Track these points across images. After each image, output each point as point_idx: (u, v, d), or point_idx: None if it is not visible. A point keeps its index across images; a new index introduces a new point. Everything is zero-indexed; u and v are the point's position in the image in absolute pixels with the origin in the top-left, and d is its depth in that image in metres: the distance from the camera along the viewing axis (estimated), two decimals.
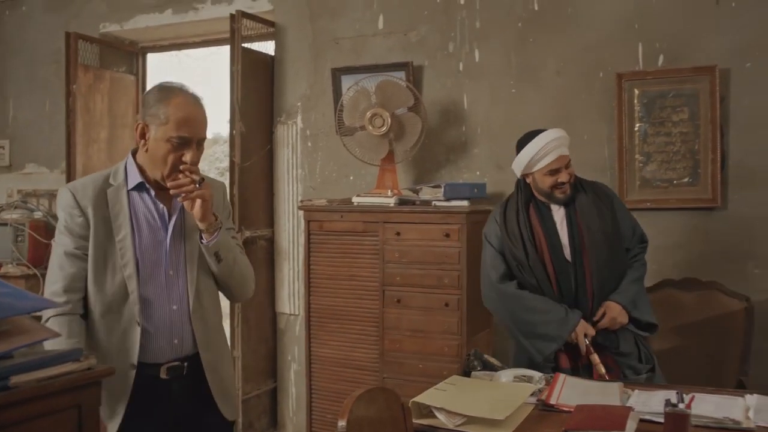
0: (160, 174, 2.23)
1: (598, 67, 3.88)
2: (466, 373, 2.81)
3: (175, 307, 2.29)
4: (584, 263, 3.01)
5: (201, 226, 2.27)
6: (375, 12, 4.44)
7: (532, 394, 2.52)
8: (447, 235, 3.71)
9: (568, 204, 3.08)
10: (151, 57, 5.59)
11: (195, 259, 2.33)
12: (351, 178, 4.46)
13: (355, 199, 4.03)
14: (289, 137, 4.73)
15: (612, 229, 3.04)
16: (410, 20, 4.34)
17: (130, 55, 5.47)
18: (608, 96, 3.84)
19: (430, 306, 3.76)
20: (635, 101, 3.78)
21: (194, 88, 2.29)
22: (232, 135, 4.42)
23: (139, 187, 2.29)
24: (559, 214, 3.08)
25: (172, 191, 2.22)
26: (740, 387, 2.95)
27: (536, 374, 2.73)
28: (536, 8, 4.03)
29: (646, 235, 3.18)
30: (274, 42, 4.79)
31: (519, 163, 3.11)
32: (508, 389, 2.59)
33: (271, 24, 4.73)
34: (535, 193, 3.12)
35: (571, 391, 2.54)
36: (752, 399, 2.39)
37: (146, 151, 2.24)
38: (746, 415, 2.27)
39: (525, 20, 4.06)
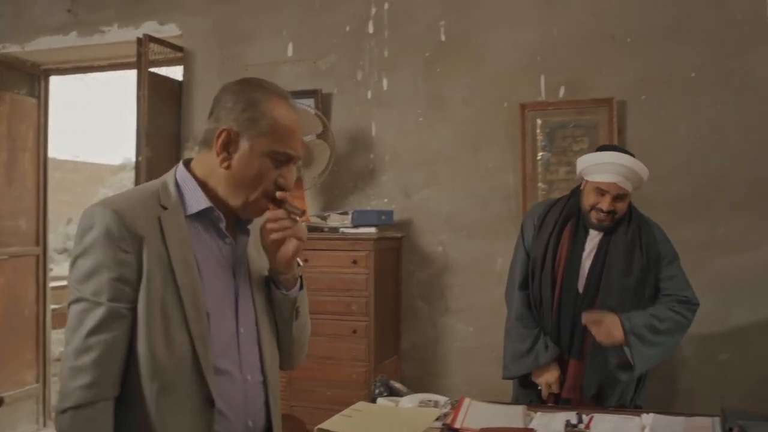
0: (243, 199, 1.66)
1: (502, 98, 3.98)
2: (373, 400, 2.80)
3: (249, 378, 1.71)
4: (594, 301, 2.84)
5: (283, 272, 1.77)
6: (285, 39, 4.45)
7: (437, 419, 2.53)
8: (354, 262, 3.71)
9: (606, 233, 2.89)
10: (54, 80, 5.45)
11: (266, 314, 1.80)
12: None
13: None
14: None
15: (636, 279, 2.84)
16: (319, 48, 4.37)
17: (32, 78, 5.31)
18: (512, 125, 3.94)
19: (338, 333, 3.75)
20: (538, 131, 3.89)
21: (98, 113, 1.83)
22: (138, 161, 4.34)
23: (203, 215, 1.67)
24: (592, 242, 2.91)
25: (269, 225, 1.69)
26: (638, 407, 3.03)
27: (441, 399, 2.75)
28: (443, 39, 4.11)
29: (684, 295, 2.87)
30: (182, 67, 4.74)
31: (581, 162, 2.94)
32: (414, 414, 2.60)
33: (180, 49, 4.68)
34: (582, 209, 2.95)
35: (476, 415, 2.57)
36: (648, 418, 2.47)
37: (227, 167, 1.64)
38: None
39: (432, 50, 4.14)
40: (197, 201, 1.66)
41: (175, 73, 4.74)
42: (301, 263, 1.81)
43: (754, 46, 3.60)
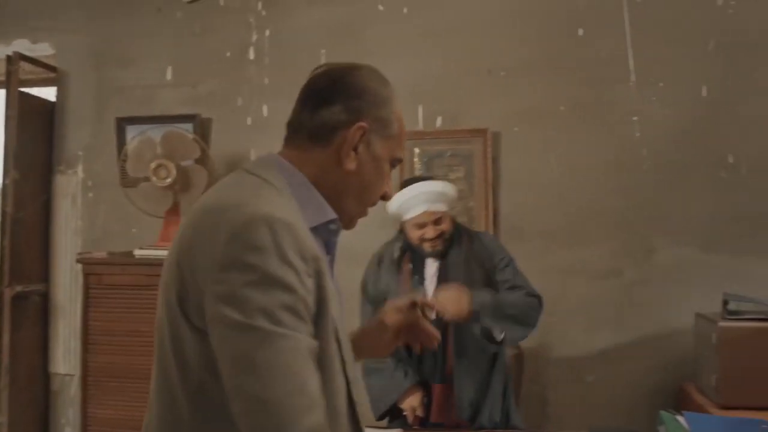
0: (361, 208, 1.44)
1: None
2: None
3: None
4: (447, 324, 2.76)
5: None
6: (164, 63, 4.38)
7: None
8: None
9: (442, 257, 2.91)
10: None
11: None
12: (134, 230, 4.31)
13: (137, 252, 3.89)
14: (69, 187, 4.51)
15: (480, 288, 2.79)
16: (199, 73, 4.32)
17: None
18: None
19: None
20: (416, 159, 3.97)
21: None
22: (4, 183, 4.16)
23: (323, 227, 1.37)
24: (432, 267, 2.92)
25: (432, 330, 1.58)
26: (515, 426, 3.10)
27: None
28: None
29: (527, 291, 2.86)
30: (56, 87, 4.58)
31: (390, 208, 2.89)
32: None
33: (53, 69, 4.53)
34: None
35: None
36: None
37: (352, 169, 1.39)
38: None
39: None
40: (321, 210, 1.36)
41: (48, 93, 4.58)
42: None
43: (615, 83, 3.79)
